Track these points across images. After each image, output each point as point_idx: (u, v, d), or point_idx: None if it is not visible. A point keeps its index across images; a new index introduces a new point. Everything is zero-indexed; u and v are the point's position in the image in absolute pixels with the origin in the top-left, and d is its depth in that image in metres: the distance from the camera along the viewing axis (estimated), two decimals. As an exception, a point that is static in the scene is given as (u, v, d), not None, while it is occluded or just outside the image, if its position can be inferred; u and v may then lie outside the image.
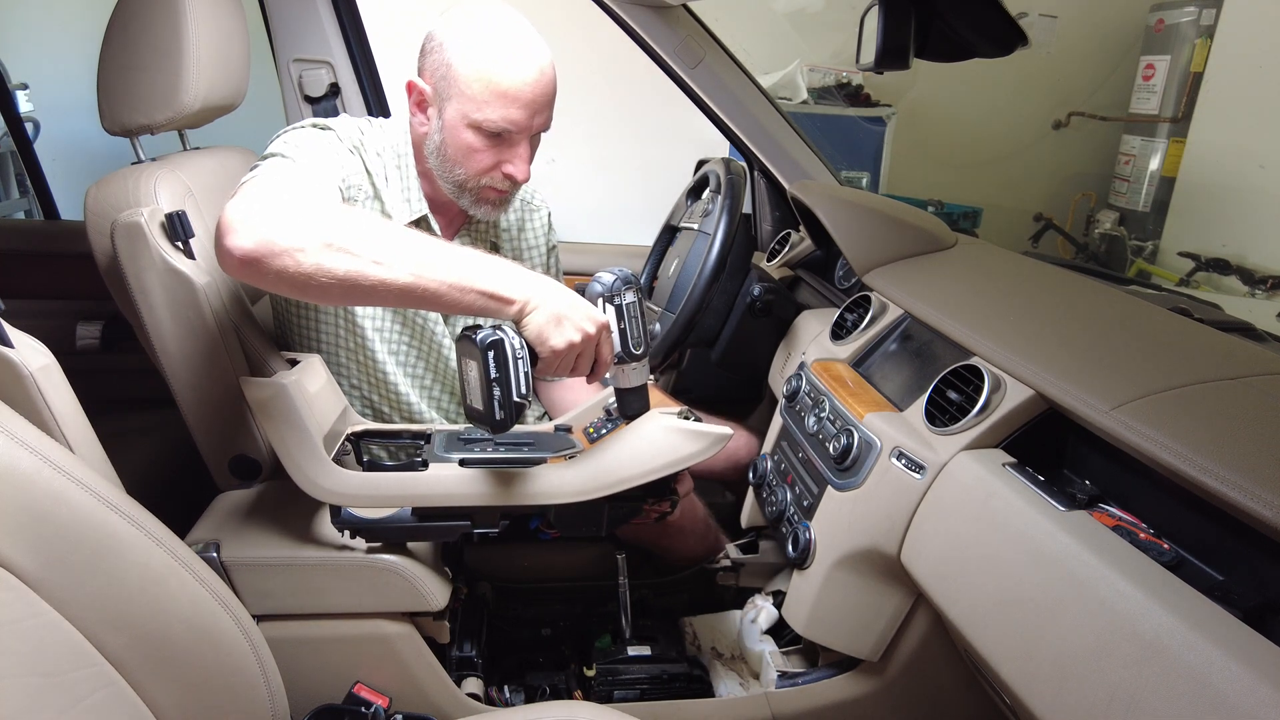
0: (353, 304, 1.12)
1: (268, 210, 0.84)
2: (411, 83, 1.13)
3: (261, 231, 0.82)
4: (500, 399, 0.86)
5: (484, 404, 0.86)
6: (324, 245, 0.83)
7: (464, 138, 1.10)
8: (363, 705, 1.04)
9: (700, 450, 0.99)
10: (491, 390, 0.85)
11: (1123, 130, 3.58)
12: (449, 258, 0.88)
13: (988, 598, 0.76)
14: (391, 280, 0.84)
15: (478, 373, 0.86)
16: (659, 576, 1.40)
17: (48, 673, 0.61)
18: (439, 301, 0.87)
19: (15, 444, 0.63)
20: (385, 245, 0.85)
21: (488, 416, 0.87)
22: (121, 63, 1.10)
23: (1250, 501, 0.60)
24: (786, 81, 3.05)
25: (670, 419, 1.01)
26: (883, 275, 1.27)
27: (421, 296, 0.86)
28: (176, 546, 0.72)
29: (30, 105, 2.92)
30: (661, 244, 1.60)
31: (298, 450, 0.96)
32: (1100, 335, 0.95)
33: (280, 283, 0.83)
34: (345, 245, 0.83)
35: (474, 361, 0.87)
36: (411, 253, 0.86)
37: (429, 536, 1.05)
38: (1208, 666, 0.55)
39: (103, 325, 1.81)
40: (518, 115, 1.09)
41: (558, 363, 0.92)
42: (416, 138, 1.17)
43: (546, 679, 1.27)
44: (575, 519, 1.04)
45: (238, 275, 0.85)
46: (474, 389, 0.88)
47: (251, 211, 0.84)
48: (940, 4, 1.04)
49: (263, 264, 0.82)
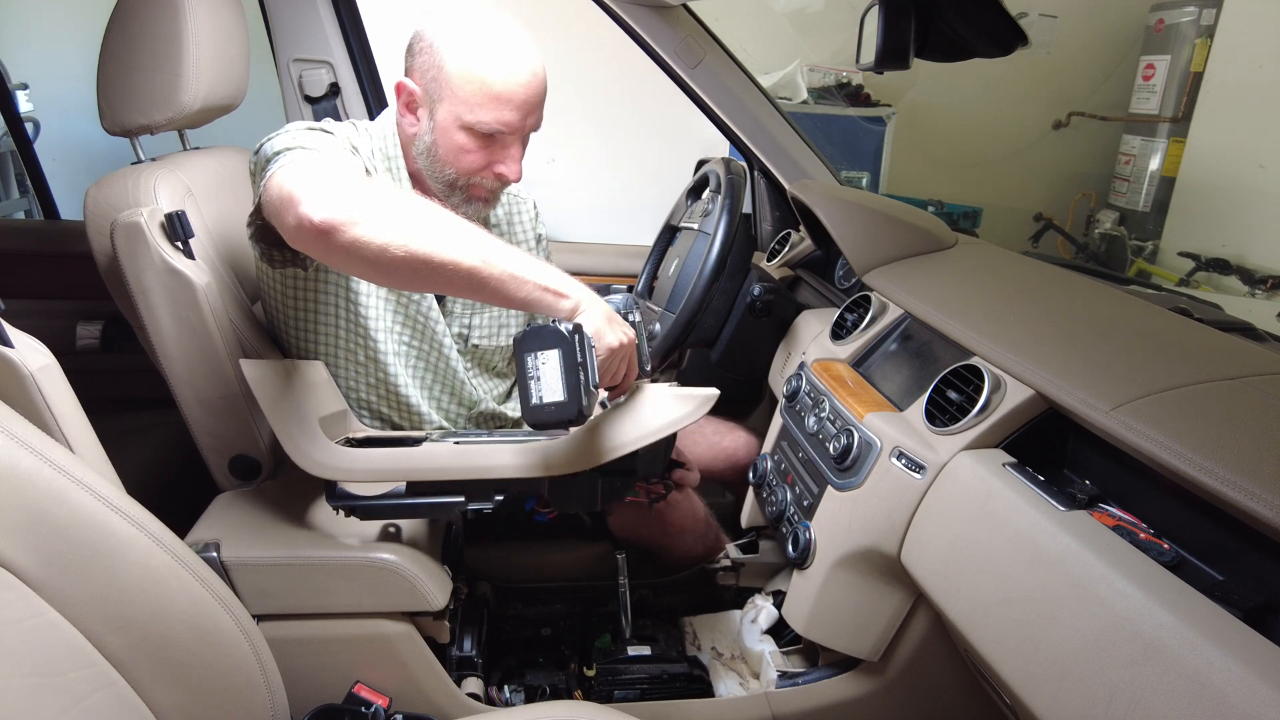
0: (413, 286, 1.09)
1: (338, 184, 0.85)
2: (401, 84, 1.13)
3: (337, 203, 0.82)
4: (584, 384, 0.85)
5: (568, 393, 0.85)
6: (399, 222, 0.83)
7: (456, 139, 1.10)
8: (363, 705, 1.04)
9: (690, 412, 0.98)
10: (577, 375, 0.84)
11: (1123, 130, 3.58)
12: (507, 249, 0.89)
13: (988, 597, 0.76)
14: (459, 263, 0.84)
15: (559, 362, 0.85)
16: (659, 576, 1.40)
17: (48, 673, 0.61)
18: (499, 290, 0.87)
19: (15, 444, 0.63)
20: (452, 229, 0.86)
21: (571, 403, 0.85)
22: (121, 63, 1.10)
23: (1250, 501, 0.60)
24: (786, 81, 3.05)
25: (659, 387, 1.01)
26: (883, 275, 1.27)
27: (483, 282, 0.86)
28: (176, 546, 0.72)
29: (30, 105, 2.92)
30: (661, 244, 1.60)
31: (294, 426, 0.97)
32: (1100, 335, 0.95)
33: (350, 255, 0.83)
34: (419, 224, 0.84)
35: (554, 351, 0.85)
36: (476, 238, 0.87)
37: (423, 513, 1.06)
38: (1208, 666, 0.55)
39: (103, 325, 1.81)
40: (510, 117, 1.09)
41: (609, 363, 0.93)
42: (405, 138, 1.17)
43: (546, 679, 1.27)
44: (569, 494, 1.04)
45: (308, 245, 0.85)
46: (549, 381, 0.86)
47: (319, 183, 0.84)
48: (940, 4, 1.04)
49: (337, 234, 0.81)
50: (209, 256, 1.11)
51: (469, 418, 1.30)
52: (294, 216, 0.83)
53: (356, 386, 1.22)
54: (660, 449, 1.03)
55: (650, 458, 1.04)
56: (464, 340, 1.28)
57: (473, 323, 1.29)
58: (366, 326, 1.18)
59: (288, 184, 0.85)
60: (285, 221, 0.85)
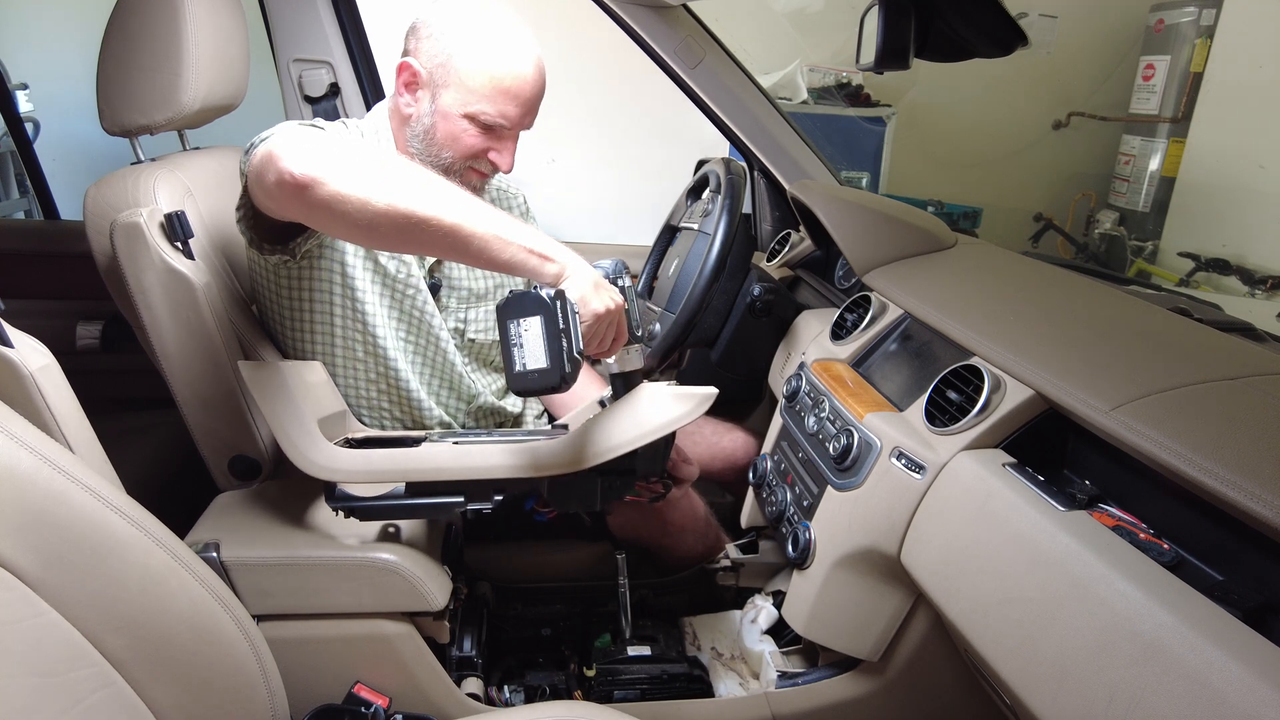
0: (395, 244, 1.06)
1: (319, 144, 0.85)
2: (405, 64, 1.14)
3: (317, 157, 0.82)
4: (567, 351, 0.85)
5: (551, 359, 0.85)
6: (380, 176, 0.83)
7: (456, 125, 1.12)
8: (363, 705, 1.04)
9: (688, 411, 0.98)
10: (559, 342, 0.84)
11: (1123, 130, 3.58)
12: (492, 211, 0.89)
13: (988, 597, 0.76)
14: (442, 220, 0.84)
15: (541, 328, 0.85)
16: (659, 576, 1.40)
17: (48, 673, 0.61)
18: (482, 250, 0.86)
19: (15, 444, 0.63)
20: (436, 186, 0.86)
21: (554, 370, 0.85)
22: (121, 63, 1.10)
23: (1250, 501, 0.60)
24: (786, 81, 3.05)
25: (658, 386, 1.01)
26: (883, 275, 1.27)
27: (467, 240, 0.85)
28: (176, 547, 0.72)
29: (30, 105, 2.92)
30: (661, 244, 1.60)
31: (293, 428, 0.97)
32: (1100, 335, 0.95)
33: (332, 211, 0.83)
34: (400, 179, 0.84)
35: (536, 318, 0.85)
36: (460, 197, 0.87)
37: (423, 514, 1.06)
38: (1207, 666, 0.55)
39: (103, 325, 1.81)
40: (513, 111, 1.13)
41: (595, 329, 0.92)
42: (400, 119, 1.19)
43: (546, 679, 1.27)
44: (569, 493, 1.04)
45: (289, 203, 0.85)
46: (532, 348, 0.86)
47: (302, 142, 0.84)
48: (940, 4, 1.04)
49: (317, 187, 0.81)
50: (209, 256, 1.11)
51: (468, 412, 1.31)
52: (274, 173, 0.83)
53: (356, 383, 1.22)
54: (659, 448, 1.03)
55: (650, 457, 1.04)
56: (460, 335, 1.29)
57: (468, 317, 1.29)
58: (363, 322, 1.18)
59: (270, 146, 0.85)
60: (266, 181, 0.85)
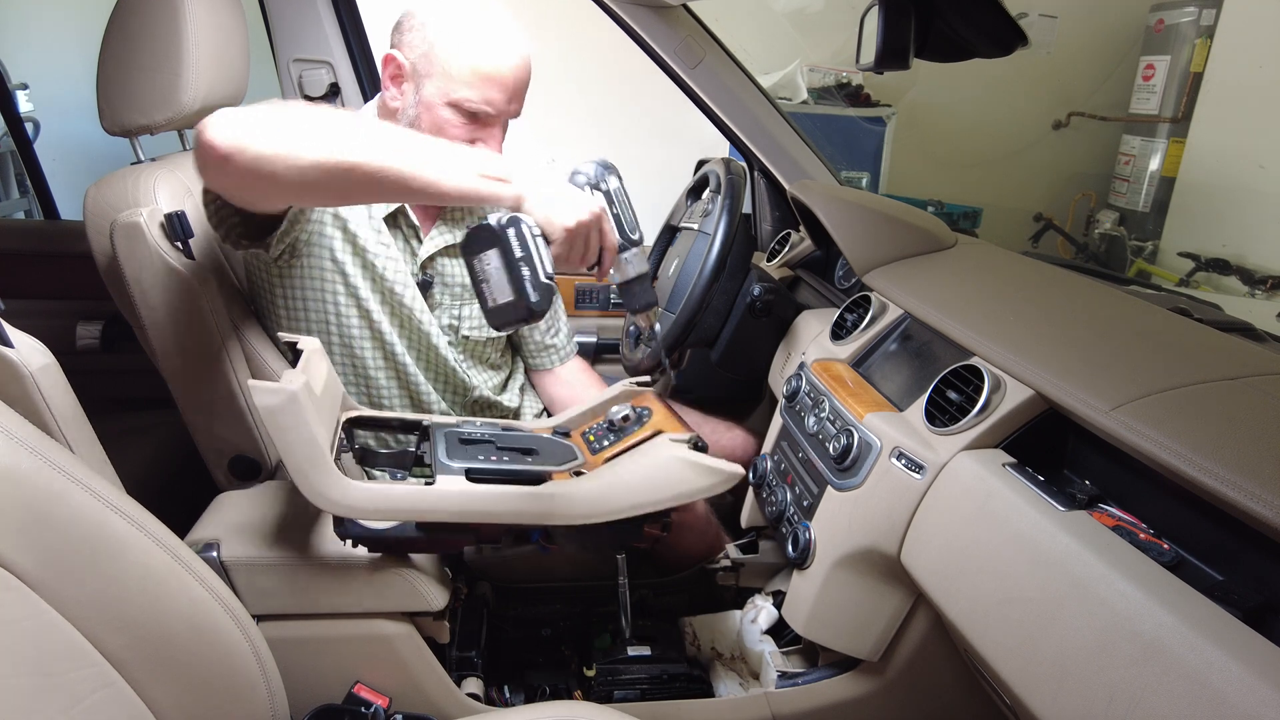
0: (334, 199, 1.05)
1: (241, 113, 0.84)
2: (391, 55, 1.15)
3: (236, 126, 0.82)
4: (530, 278, 0.82)
5: (515, 290, 0.83)
6: (299, 132, 0.82)
7: (440, 115, 1.13)
8: (363, 705, 1.04)
9: (710, 485, 0.99)
10: (519, 271, 0.82)
11: (1123, 130, 3.58)
12: (433, 142, 0.87)
13: (987, 597, 0.76)
14: (370, 163, 0.82)
15: (499, 260, 0.83)
16: (659, 576, 1.40)
17: (48, 673, 0.61)
18: (432, 184, 0.84)
19: (15, 444, 0.63)
20: (365, 131, 0.84)
21: (520, 301, 0.83)
22: (121, 63, 1.10)
23: (1250, 501, 0.60)
24: (786, 81, 3.05)
25: (682, 449, 1.00)
26: (883, 275, 1.27)
27: (407, 179, 0.83)
28: (176, 546, 0.72)
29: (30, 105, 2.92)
30: (661, 244, 1.60)
31: (306, 462, 0.93)
32: (1100, 335, 0.95)
33: (256, 175, 0.82)
34: (323, 131, 0.83)
35: (493, 250, 0.83)
36: (394, 136, 0.85)
37: (433, 549, 1.05)
38: (1207, 666, 0.55)
39: (103, 325, 1.81)
40: (496, 97, 1.13)
41: (571, 246, 0.89)
42: (387, 113, 1.19)
43: (546, 679, 1.26)
44: (578, 538, 1.03)
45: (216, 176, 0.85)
46: (497, 282, 0.84)
47: (224, 115, 0.84)
48: (940, 4, 1.04)
49: (239, 155, 0.81)
50: (209, 256, 1.11)
51: (464, 405, 1.31)
52: (201, 150, 0.83)
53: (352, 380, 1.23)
54: None
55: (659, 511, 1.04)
56: (454, 331, 1.29)
57: (461, 313, 1.29)
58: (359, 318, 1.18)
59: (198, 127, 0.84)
60: (200, 160, 0.85)
